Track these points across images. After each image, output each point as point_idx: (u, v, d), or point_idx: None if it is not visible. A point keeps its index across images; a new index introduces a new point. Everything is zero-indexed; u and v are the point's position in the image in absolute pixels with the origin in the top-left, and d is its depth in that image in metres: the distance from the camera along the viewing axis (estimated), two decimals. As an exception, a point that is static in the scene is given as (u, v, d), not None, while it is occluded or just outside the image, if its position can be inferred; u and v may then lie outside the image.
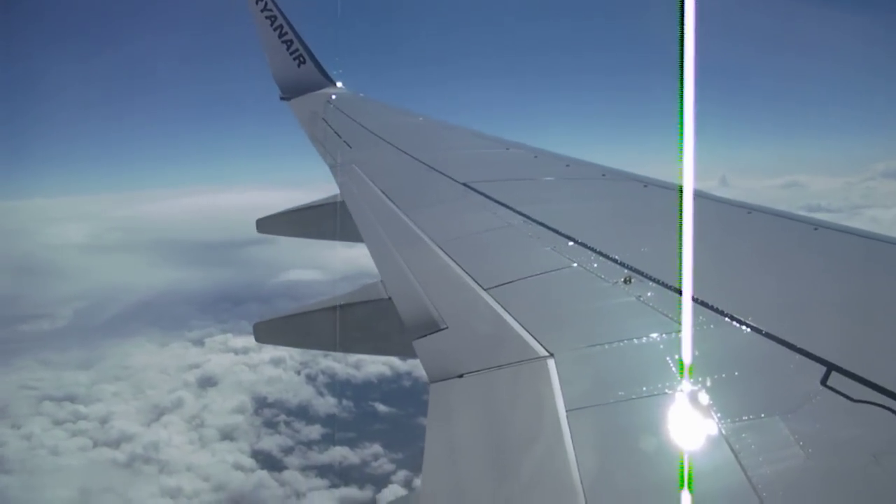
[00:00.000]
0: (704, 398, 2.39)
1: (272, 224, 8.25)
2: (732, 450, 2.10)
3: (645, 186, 5.74)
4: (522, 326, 3.25)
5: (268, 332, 5.23)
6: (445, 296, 3.90)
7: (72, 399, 57.63)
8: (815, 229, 4.24)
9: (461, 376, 3.02)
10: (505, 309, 3.48)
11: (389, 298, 4.19)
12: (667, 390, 2.51)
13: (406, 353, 3.70)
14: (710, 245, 3.66)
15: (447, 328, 3.53)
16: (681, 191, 2.76)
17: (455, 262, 4.31)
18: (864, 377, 2.31)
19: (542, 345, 3.03)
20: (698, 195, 4.99)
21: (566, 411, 2.50)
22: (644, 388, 2.55)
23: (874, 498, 1.88)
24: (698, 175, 2.53)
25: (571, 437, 2.34)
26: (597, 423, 2.45)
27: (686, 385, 2.48)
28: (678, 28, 2.35)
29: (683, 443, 2.21)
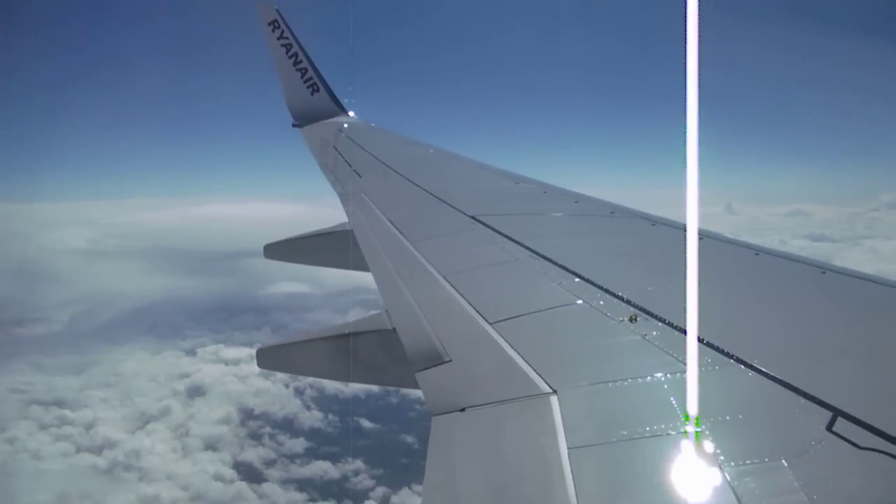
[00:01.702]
0: (708, 440, 2.37)
1: (279, 250, 8.25)
2: (735, 494, 2.07)
3: (653, 225, 5.75)
4: (526, 362, 3.24)
5: (270, 358, 5.22)
6: (450, 328, 3.89)
7: (59, 404, 57.89)
8: (823, 273, 4.24)
9: (463, 410, 3.00)
10: (509, 344, 3.47)
11: (394, 329, 4.17)
12: (670, 431, 2.49)
13: (409, 384, 3.68)
14: (716, 286, 3.65)
15: (451, 361, 3.52)
16: (688, 230, 2.79)
17: (461, 294, 4.31)
18: (871, 424, 2.29)
19: (545, 381, 3.02)
20: (705, 235, 4.99)
21: (568, 449, 2.48)
22: (647, 429, 2.54)
23: None
24: (703, 201, 2.55)
25: (572, 475, 2.32)
26: (598, 461, 2.43)
27: (690, 426, 2.46)
28: (683, 53, 2.38)
29: (686, 485, 2.19)
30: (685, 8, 2.37)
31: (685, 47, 2.39)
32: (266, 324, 79.84)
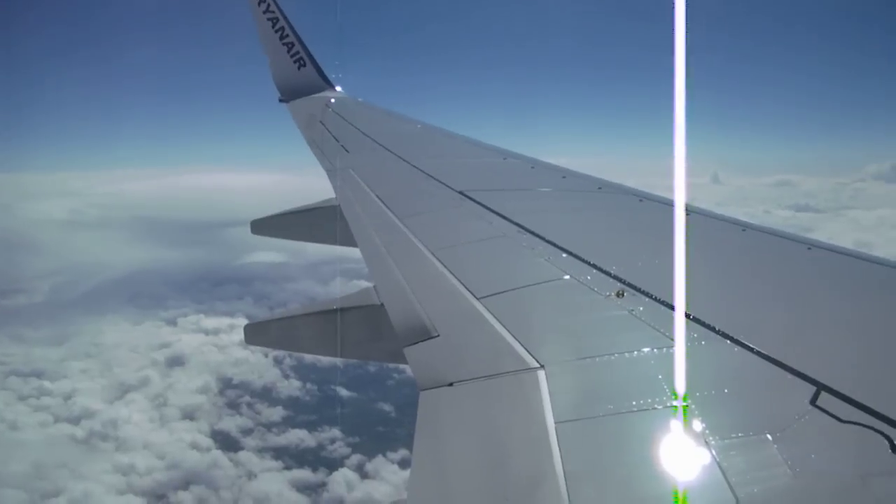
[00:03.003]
0: (694, 414, 2.39)
1: (266, 226, 8.22)
2: (720, 467, 2.10)
3: (641, 201, 5.75)
4: (514, 337, 3.25)
5: (258, 334, 5.22)
6: (438, 304, 3.89)
7: (39, 375, 58.13)
8: (809, 248, 4.27)
9: (451, 385, 3.01)
10: (497, 319, 3.48)
11: (382, 304, 4.17)
12: (656, 405, 2.51)
13: (397, 359, 3.70)
14: (703, 261, 3.68)
15: (439, 336, 3.52)
16: (676, 206, 2.80)
17: (449, 270, 4.31)
18: (854, 398, 2.32)
19: (532, 356, 3.03)
20: (693, 211, 5.01)
21: (555, 423, 2.50)
22: (633, 403, 2.55)
23: None
24: (690, 172, 2.56)
25: (559, 449, 2.34)
26: (585, 436, 2.45)
27: (676, 400, 2.48)
28: (672, 27, 2.37)
29: (671, 458, 2.21)
30: None
31: (673, 23, 2.38)
32: (248, 294, 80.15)
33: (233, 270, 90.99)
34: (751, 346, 2.81)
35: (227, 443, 48.44)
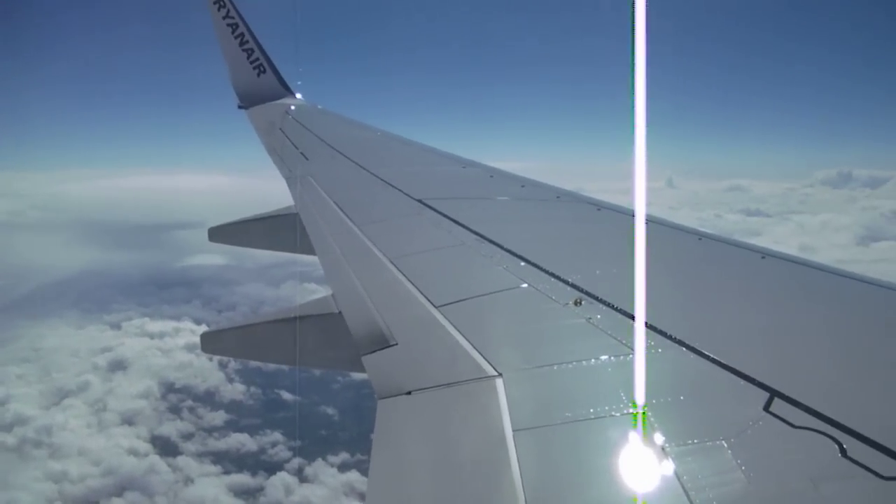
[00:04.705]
0: (650, 421, 2.41)
1: (224, 234, 8.14)
2: (676, 474, 2.12)
3: (599, 210, 5.81)
4: (472, 345, 3.25)
5: (215, 342, 5.16)
6: (396, 312, 3.89)
7: (-29, 382, 55.27)
8: (763, 258, 4.34)
9: (409, 393, 3.01)
10: (455, 327, 3.49)
11: (340, 313, 4.16)
12: (613, 413, 2.53)
13: (355, 368, 3.67)
14: (660, 270, 3.72)
15: (397, 344, 3.52)
16: (635, 216, 2.83)
17: (407, 278, 4.31)
18: (806, 404, 2.37)
19: (491, 364, 3.04)
20: (651, 220, 5.07)
21: (513, 431, 2.50)
22: (591, 411, 2.57)
23: None
24: (647, 177, 2.58)
25: (517, 457, 2.34)
26: (543, 443, 2.46)
27: (633, 408, 2.51)
28: (630, 33, 2.38)
29: (628, 465, 2.23)
30: None
31: (631, 30, 2.40)
32: (196, 297, 78.83)
33: (180, 273, 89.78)
34: (706, 353, 2.85)
35: (165, 448, 47.48)
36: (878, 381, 2.67)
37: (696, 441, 2.29)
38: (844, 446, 2.12)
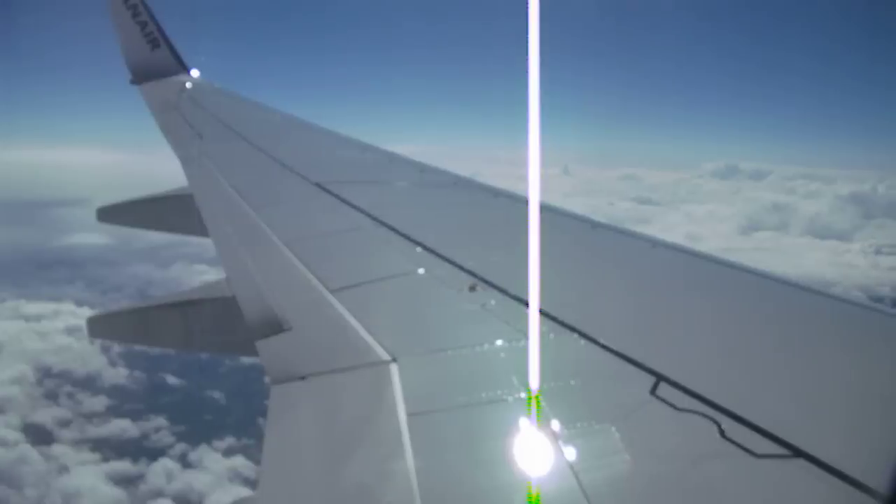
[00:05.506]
0: (542, 405, 2.46)
1: (114, 214, 7.89)
2: (566, 456, 2.17)
3: (495, 197, 5.88)
4: (366, 330, 3.26)
5: (102, 327, 5.04)
6: (291, 297, 3.86)
7: None
8: (653, 247, 4.48)
9: (303, 378, 2.99)
10: (350, 312, 3.49)
11: (233, 297, 4.08)
12: (506, 397, 2.57)
13: (248, 352, 3.61)
14: (554, 257, 3.79)
15: (291, 329, 3.49)
16: (530, 204, 2.88)
17: (302, 262, 4.27)
18: (689, 388, 2.46)
19: (385, 349, 3.05)
20: (546, 209, 5.17)
21: (407, 416, 2.52)
22: (484, 395, 2.60)
23: (692, 502, 1.99)
24: (544, 164, 2.63)
25: (411, 441, 2.36)
26: (437, 428, 2.48)
27: (525, 392, 2.55)
28: (526, 23, 2.41)
29: (520, 448, 2.27)
30: None
31: (527, 18, 2.43)
32: (79, 277, 74.86)
33: (62, 253, 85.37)
34: (597, 339, 2.92)
35: (39, 436, 44.82)
36: (756, 365, 2.79)
37: (585, 424, 2.35)
38: (723, 427, 2.21)
